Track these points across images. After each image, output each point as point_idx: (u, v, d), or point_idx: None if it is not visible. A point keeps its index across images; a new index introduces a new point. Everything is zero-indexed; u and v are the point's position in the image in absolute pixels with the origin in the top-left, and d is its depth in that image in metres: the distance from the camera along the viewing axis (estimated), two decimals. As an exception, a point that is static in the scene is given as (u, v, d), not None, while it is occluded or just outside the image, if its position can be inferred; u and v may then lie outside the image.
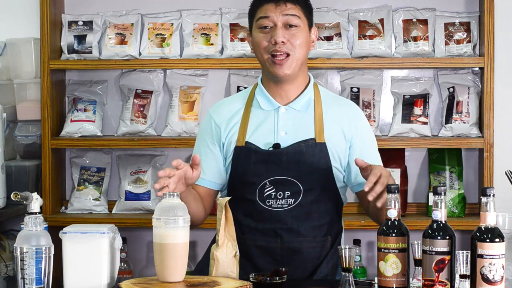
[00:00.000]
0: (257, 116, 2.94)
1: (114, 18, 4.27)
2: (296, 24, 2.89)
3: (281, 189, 2.86)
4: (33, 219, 2.40)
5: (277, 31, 2.87)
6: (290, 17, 2.88)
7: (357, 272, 4.00)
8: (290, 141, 2.88)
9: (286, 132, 2.90)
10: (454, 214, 4.12)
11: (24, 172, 4.19)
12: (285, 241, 2.87)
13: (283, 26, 2.88)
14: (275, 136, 2.90)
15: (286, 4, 2.89)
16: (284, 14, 2.88)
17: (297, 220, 2.86)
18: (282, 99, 2.94)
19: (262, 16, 2.90)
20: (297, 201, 2.86)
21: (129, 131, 4.23)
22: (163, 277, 2.48)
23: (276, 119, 2.92)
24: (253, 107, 2.96)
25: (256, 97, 2.96)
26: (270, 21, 2.89)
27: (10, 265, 4.04)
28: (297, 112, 2.92)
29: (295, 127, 2.90)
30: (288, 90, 2.94)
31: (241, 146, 2.91)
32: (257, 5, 2.93)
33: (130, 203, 4.25)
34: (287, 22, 2.88)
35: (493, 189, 2.34)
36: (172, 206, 2.47)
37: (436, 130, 4.20)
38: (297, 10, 2.90)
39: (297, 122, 2.91)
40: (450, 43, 4.13)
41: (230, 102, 3.04)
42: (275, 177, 2.86)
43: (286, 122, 2.91)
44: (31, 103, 4.29)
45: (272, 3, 2.89)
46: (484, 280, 2.32)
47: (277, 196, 2.87)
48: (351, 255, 2.41)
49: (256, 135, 2.91)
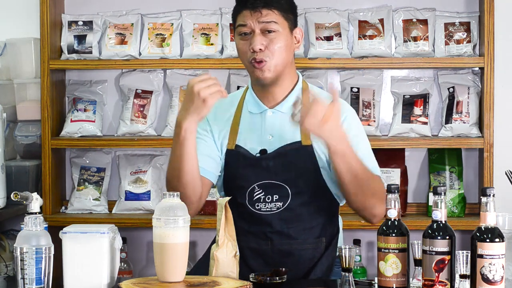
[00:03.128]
0: (246, 119, 2.93)
1: (114, 18, 4.27)
2: (274, 29, 2.84)
3: (269, 193, 2.86)
4: (33, 219, 2.40)
5: (255, 38, 2.83)
6: (267, 24, 2.83)
7: (357, 272, 4.00)
8: (276, 144, 2.87)
9: (272, 136, 2.89)
10: (454, 214, 4.12)
11: (24, 172, 4.19)
12: (275, 243, 2.87)
13: (261, 32, 2.84)
14: (262, 140, 2.89)
15: (261, 11, 2.83)
16: (260, 21, 2.83)
17: (287, 223, 2.86)
18: (269, 102, 2.92)
19: (240, 23, 2.87)
20: (285, 204, 2.86)
21: (129, 131, 4.23)
22: (163, 277, 2.48)
23: (263, 123, 2.91)
24: (243, 110, 2.95)
25: (246, 100, 2.96)
26: (248, 28, 2.85)
27: (10, 265, 4.04)
28: (284, 114, 2.89)
29: (282, 130, 2.88)
30: (275, 92, 2.91)
31: (231, 150, 2.90)
32: (236, 12, 2.91)
33: (130, 203, 4.25)
34: (265, 28, 2.84)
35: (493, 189, 2.34)
36: (172, 206, 2.47)
37: (436, 130, 4.20)
38: (273, 16, 2.84)
39: (284, 124, 2.87)
40: (450, 43, 4.13)
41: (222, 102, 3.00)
42: (263, 181, 2.86)
43: (272, 125, 2.90)
44: (31, 103, 4.30)
45: (248, 10, 2.85)
46: (484, 280, 2.32)
47: (266, 200, 2.86)
48: (351, 255, 2.41)
49: (244, 138, 2.90)
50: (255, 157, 2.87)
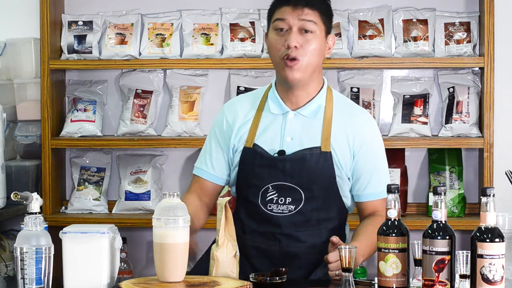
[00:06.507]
0: (266, 119, 2.92)
1: (114, 18, 4.27)
2: (312, 30, 2.83)
3: (283, 195, 2.86)
4: (33, 219, 2.40)
5: (291, 35, 2.81)
6: (306, 22, 2.82)
7: (357, 272, 4.00)
8: (295, 147, 2.86)
9: (292, 138, 2.88)
10: (454, 214, 4.12)
11: (24, 172, 4.19)
12: (283, 245, 2.87)
13: (298, 30, 2.82)
14: (281, 141, 2.88)
15: (304, 9, 2.82)
16: (300, 18, 2.82)
17: (296, 226, 2.86)
18: (292, 104, 2.91)
19: (278, 18, 2.85)
20: (297, 208, 2.86)
21: (129, 131, 4.23)
22: (163, 277, 2.48)
23: (284, 124, 2.90)
24: (264, 110, 2.94)
25: (268, 100, 2.95)
26: (286, 24, 2.83)
27: (10, 265, 4.04)
28: (306, 118, 2.89)
29: (302, 133, 2.88)
30: (299, 95, 2.90)
31: (249, 148, 2.90)
32: (276, 6, 2.88)
33: (130, 203, 4.25)
34: (303, 27, 2.82)
35: (493, 189, 2.34)
36: (172, 206, 2.47)
37: (436, 130, 4.19)
38: (314, 16, 2.83)
39: (305, 128, 2.88)
40: (450, 43, 4.13)
41: (244, 101, 3.01)
42: (278, 182, 2.85)
43: (293, 127, 2.89)
44: (31, 103, 4.30)
45: (290, 6, 2.83)
46: (484, 280, 2.32)
47: (278, 202, 2.86)
48: (351, 255, 2.41)
49: (263, 138, 2.90)
50: (272, 157, 2.86)
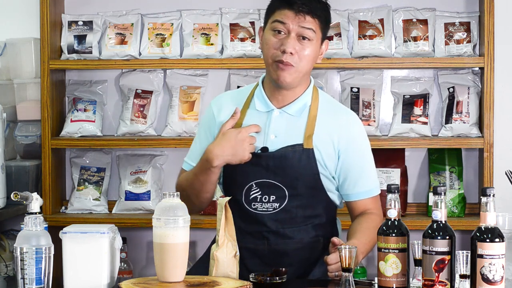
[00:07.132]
0: (251, 116, 2.93)
1: (114, 18, 4.27)
2: (310, 38, 2.83)
3: (266, 193, 2.86)
4: (33, 219, 2.40)
5: (289, 40, 2.81)
6: (306, 30, 2.82)
7: (357, 272, 4.00)
8: (279, 144, 2.87)
9: (276, 136, 2.89)
10: (454, 214, 4.12)
11: (24, 172, 4.19)
12: (271, 243, 2.87)
13: (296, 36, 2.82)
14: (265, 138, 2.89)
15: (306, 17, 2.82)
16: (300, 26, 2.82)
17: (282, 223, 2.87)
18: (278, 102, 2.92)
19: (278, 20, 2.84)
20: (282, 205, 2.86)
21: (129, 131, 4.23)
22: (163, 277, 2.48)
23: (269, 122, 2.90)
24: (250, 107, 2.95)
25: (254, 97, 2.96)
26: (285, 28, 2.83)
27: (10, 265, 4.03)
28: (291, 116, 2.90)
29: (286, 131, 2.88)
30: (285, 94, 2.91)
31: None
32: (277, 7, 2.87)
33: (130, 203, 4.25)
34: (301, 33, 2.82)
35: (493, 189, 2.34)
36: (172, 206, 2.47)
37: (436, 130, 4.19)
38: (314, 24, 2.84)
39: (289, 126, 2.89)
40: (450, 43, 4.13)
41: (231, 97, 3.02)
42: (261, 179, 2.86)
43: (277, 125, 2.89)
44: (31, 103, 4.30)
45: (292, 11, 2.82)
46: (484, 280, 2.32)
47: (262, 200, 2.87)
48: (351, 255, 2.41)
49: None
50: (255, 154, 2.86)
